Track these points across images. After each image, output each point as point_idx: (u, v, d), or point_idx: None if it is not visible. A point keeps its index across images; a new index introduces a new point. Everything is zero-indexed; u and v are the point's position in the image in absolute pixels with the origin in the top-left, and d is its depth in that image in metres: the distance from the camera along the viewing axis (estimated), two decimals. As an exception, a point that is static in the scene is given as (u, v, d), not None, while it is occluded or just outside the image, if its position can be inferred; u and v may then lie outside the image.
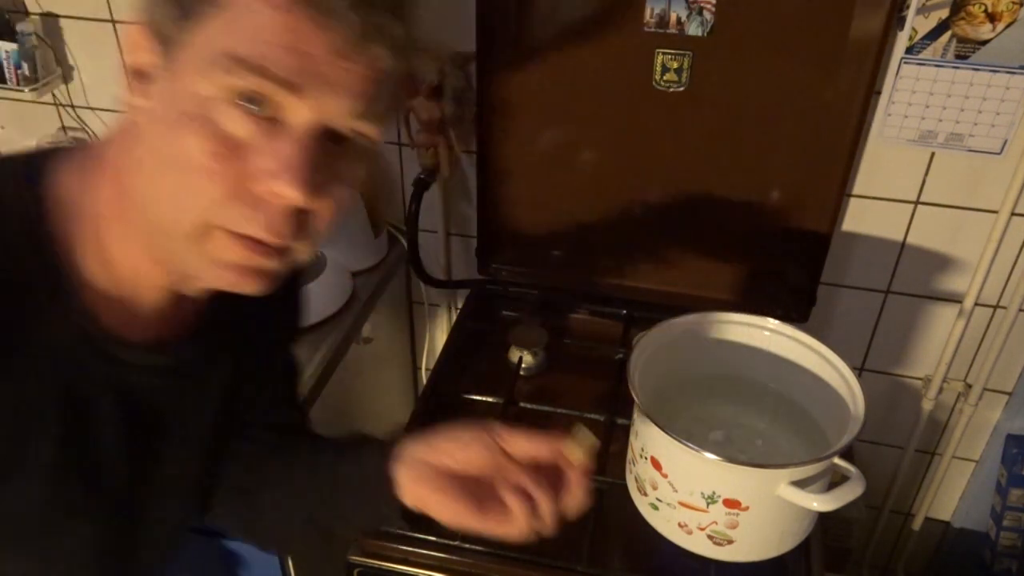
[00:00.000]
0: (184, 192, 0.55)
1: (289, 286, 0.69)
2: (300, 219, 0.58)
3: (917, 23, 1.20)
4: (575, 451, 0.70)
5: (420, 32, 0.57)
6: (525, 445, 0.71)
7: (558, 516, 0.70)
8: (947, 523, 1.76)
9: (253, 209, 0.55)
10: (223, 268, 0.58)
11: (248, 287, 0.60)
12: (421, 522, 0.74)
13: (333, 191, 0.58)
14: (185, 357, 0.70)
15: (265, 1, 0.53)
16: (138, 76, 0.58)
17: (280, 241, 0.57)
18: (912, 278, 1.47)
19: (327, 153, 0.57)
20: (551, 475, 0.71)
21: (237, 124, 0.54)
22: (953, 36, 1.20)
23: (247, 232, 0.56)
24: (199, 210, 0.56)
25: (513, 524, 0.69)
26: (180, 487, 0.77)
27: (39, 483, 0.62)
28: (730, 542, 0.95)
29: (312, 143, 0.55)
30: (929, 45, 1.22)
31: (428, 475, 0.71)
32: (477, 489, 0.70)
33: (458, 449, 0.71)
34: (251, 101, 0.54)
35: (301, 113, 0.55)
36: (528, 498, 0.69)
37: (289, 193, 0.54)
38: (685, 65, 1.28)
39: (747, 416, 1.10)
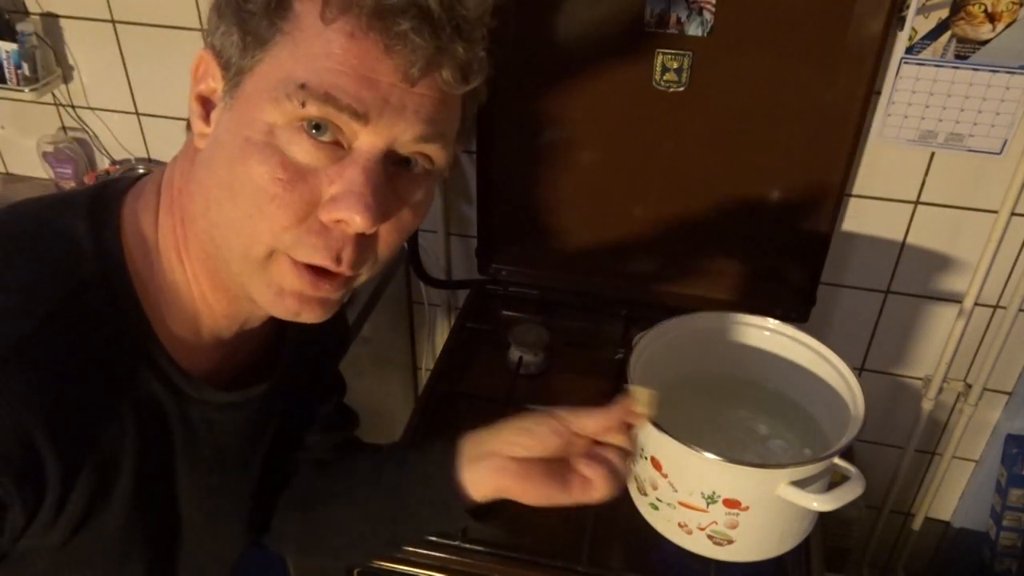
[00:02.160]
0: (250, 219, 0.55)
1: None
2: (364, 244, 0.57)
3: (917, 23, 1.20)
4: (642, 406, 0.72)
5: (484, 53, 0.57)
6: (592, 423, 0.71)
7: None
8: (947, 523, 1.76)
9: (318, 237, 0.55)
10: (285, 296, 0.58)
11: (308, 316, 0.59)
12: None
13: (397, 215, 0.58)
14: (249, 395, 0.70)
15: (332, 28, 0.52)
16: (202, 103, 0.58)
17: (344, 270, 0.57)
18: (912, 278, 1.47)
19: (391, 177, 0.56)
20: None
21: (303, 151, 0.54)
22: (953, 36, 1.20)
23: (312, 261, 0.56)
24: (265, 236, 0.55)
25: (597, 489, 0.70)
26: (235, 515, 0.77)
27: (118, 516, 0.61)
28: (730, 542, 0.95)
29: (377, 167, 0.55)
30: (929, 45, 1.22)
31: (506, 465, 0.71)
32: (553, 468, 0.71)
33: (527, 438, 0.71)
34: (317, 128, 0.53)
35: (367, 139, 0.54)
36: (604, 462, 0.70)
37: (355, 220, 0.54)
38: (685, 65, 1.28)
39: (747, 416, 1.10)
